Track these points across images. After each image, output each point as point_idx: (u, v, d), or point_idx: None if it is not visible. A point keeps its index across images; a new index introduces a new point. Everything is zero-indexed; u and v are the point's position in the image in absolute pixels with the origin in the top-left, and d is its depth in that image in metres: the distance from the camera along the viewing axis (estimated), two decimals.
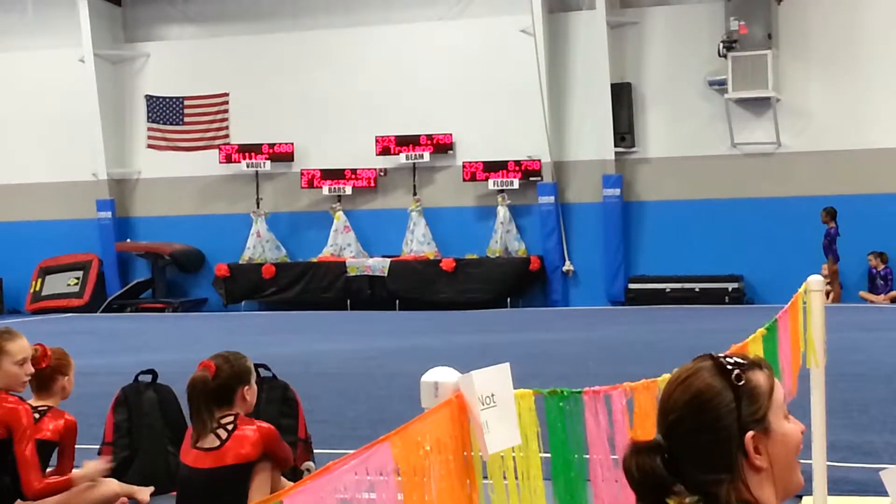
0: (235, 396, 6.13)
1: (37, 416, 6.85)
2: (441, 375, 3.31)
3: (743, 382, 2.53)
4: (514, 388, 3.50)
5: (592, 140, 24.19)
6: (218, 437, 5.99)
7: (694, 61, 23.83)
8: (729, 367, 2.55)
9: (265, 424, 6.15)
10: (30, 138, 26.89)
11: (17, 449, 6.46)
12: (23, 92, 26.88)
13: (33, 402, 6.99)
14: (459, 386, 3.26)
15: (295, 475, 6.89)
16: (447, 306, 23.62)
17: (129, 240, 26.58)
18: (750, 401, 2.53)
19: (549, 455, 3.83)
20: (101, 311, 25.60)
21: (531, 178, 24.54)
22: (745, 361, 2.59)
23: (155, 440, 7.86)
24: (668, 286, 23.68)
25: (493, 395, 3.34)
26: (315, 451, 7.79)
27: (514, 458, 3.51)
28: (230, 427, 6.01)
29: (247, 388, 6.17)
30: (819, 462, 6.38)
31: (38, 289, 26.12)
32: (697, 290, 23.46)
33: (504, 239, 24.64)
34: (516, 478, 3.56)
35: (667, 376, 3.75)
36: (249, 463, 5.94)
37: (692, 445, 2.51)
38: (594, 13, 24.10)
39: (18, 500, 6.54)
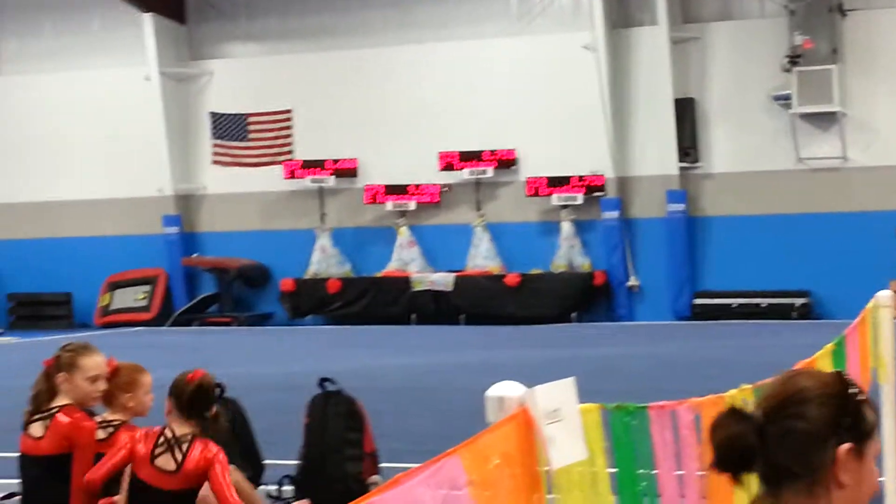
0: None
1: (111, 430, 6.84)
2: (506, 390, 3.32)
3: (859, 399, 2.53)
4: (580, 403, 3.50)
5: (656, 155, 24.11)
6: None
7: (758, 76, 23.67)
8: (852, 384, 2.55)
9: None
10: (96, 155, 27.21)
11: (74, 466, 6.44)
12: (90, 110, 27.21)
13: (107, 416, 6.96)
14: (524, 400, 3.26)
15: (362, 489, 6.92)
16: (512, 321, 23.61)
17: (195, 255, 26.78)
18: (856, 419, 2.52)
19: (615, 470, 3.82)
20: (169, 325, 25.85)
21: (595, 194, 24.48)
22: (865, 394, 2.59)
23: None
24: (734, 301, 23.51)
25: (558, 410, 3.34)
26: (381, 465, 7.81)
27: (580, 472, 3.51)
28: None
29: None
30: (891, 480, 6.31)
31: (106, 303, 26.43)
32: (764, 305, 23.27)
33: (568, 254, 24.60)
34: (583, 492, 3.55)
35: (734, 392, 3.74)
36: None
37: (788, 432, 2.49)
38: (656, 29, 24.04)
39: None
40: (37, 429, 6.69)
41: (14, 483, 7.31)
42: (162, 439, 6.14)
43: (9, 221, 27.80)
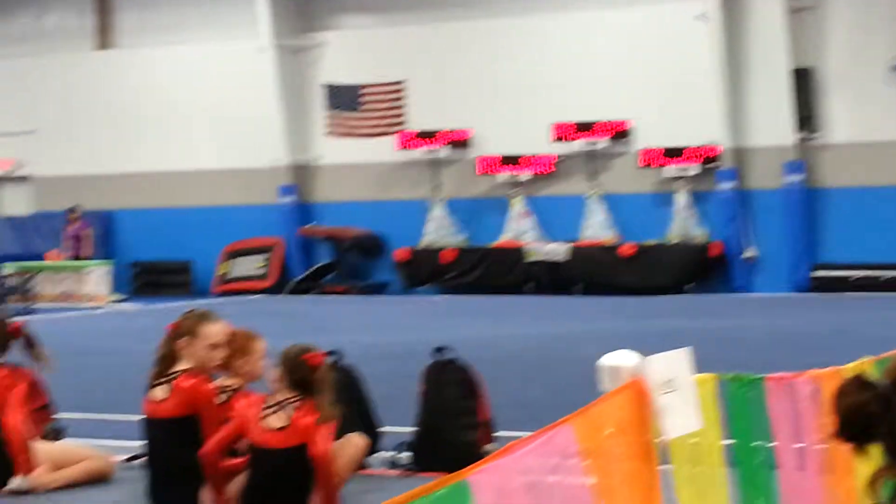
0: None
1: (227, 395, 6.97)
2: (620, 359, 3.33)
3: None
4: (695, 374, 3.49)
5: (772, 126, 23.79)
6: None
7: (877, 45, 23.20)
8: None
9: None
10: (213, 127, 27.54)
11: (203, 428, 6.61)
12: (206, 82, 27.57)
13: (222, 382, 7.09)
14: (639, 370, 3.27)
15: (477, 457, 6.96)
16: (626, 292, 23.50)
17: (311, 224, 27.03)
18: None
19: (730, 442, 3.80)
20: (286, 294, 26.12)
21: (710, 165, 24.26)
22: None
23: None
24: (853, 274, 23.16)
25: (672, 380, 3.35)
26: (496, 433, 7.85)
27: (694, 444, 3.49)
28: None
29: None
30: None
31: (225, 272, 26.84)
32: (884, 278, 22.88)
33: (683, 225, 24.47)
34: (697, 463, 3.53)
35: (855, 364, 3.70)
36: None
37: None
38: None
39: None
40: (159, 392, 6.89)
41: (138, 445, 7.51)
42: (269, 402, 6.28)
43: (132, 191, 28.31)
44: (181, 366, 6.90)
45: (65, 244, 26.22)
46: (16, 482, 7.14)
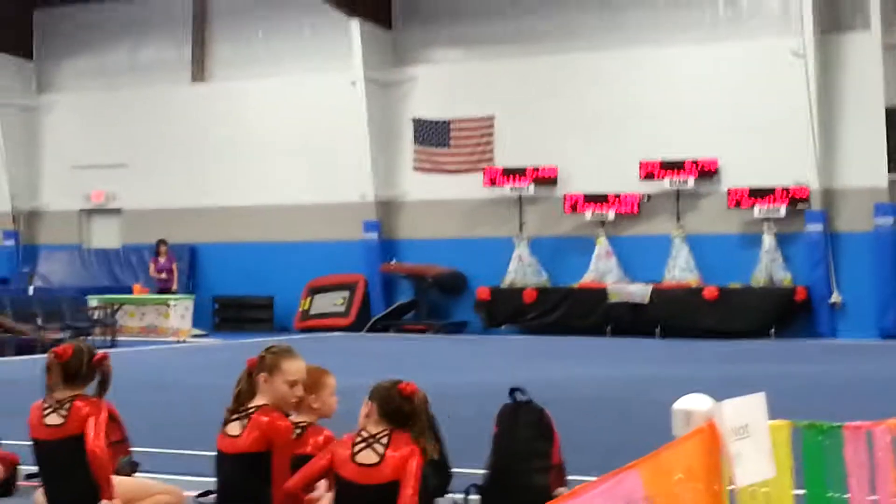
0: None
1: (299, 431, 6.92)
2: (693, 403, 3.26)
3: None
4: (771, 420, 3.40)
5: (864, 166, 23.46)
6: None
7: None
8: None
9: None
10: (300, 160, 27.74)
11: (273, 465, 6.57)
12: (295, 115, 27.81)
13: (294, 418, 7.03)
14: (712, 414, 3.20)
15: (548, 501, 6.83)
16: (709, 335, 23.29)
17: (393, 261, 26.97)
18: None
19: (803, 491, 3.70)
20: (365, 331, 26.13)
21: (798, 206, 23.99)
22: None
23: None
24: None
25: (746, 426, 3.27)
26: (568, 476, 7.73)
27: (766, 493, 3.40)
28: None
29: None
30: None
31: (306, 307, 26.85)
32: None
33: (769, 268, 24.19)
34: None
35: None
36: None
37: None
38: (868, 34, 23.44)
39: None
40: (234, 427, 6.85)
41: (211, 480, 7.50)
42: (359, 438, 6.22)
43: (216, 225, 28.51)
44: (258, 401, 6.87)
45: (153, 277, 26.40)
46: None
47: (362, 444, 6.19)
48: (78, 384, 7.19)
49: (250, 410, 6.80)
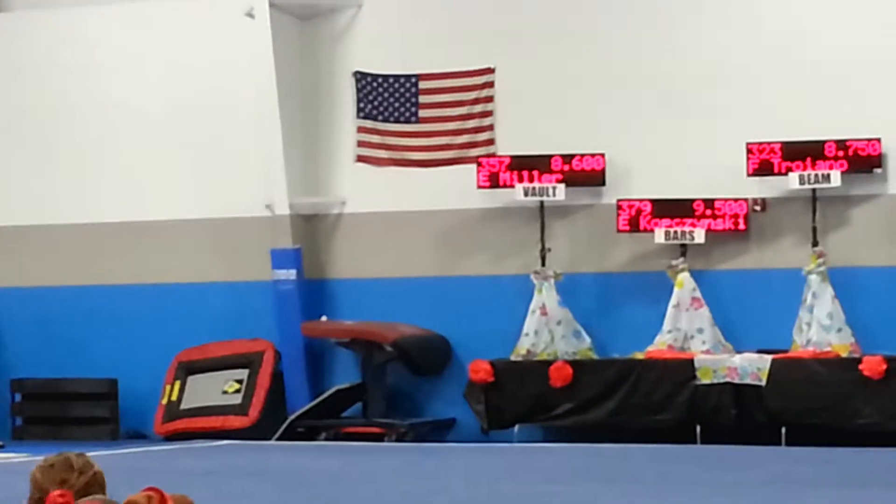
0: None
1: None
2: None
3: None
4: None
5: None
6: None
7: None
8: None
9: None
10: (163, 147, 21.37)
11: None
12: (153, 68, 21.37)
13: None
14: None
15: None
16: (869, 438, 17.96)
17: (324, 317, 20.92)
18: None
19: None
20: (277, 438, 20.39)
21: None
22: None
23: None
24: None
25: None
26: None
27: None
28: None
29: None
30: None
31: (174, 398, 20.84)
32: None
33: None
34: None
35: None
36: None
37: None
38: None
39: None
40: None
41: None
42: None
43: (14, 258, 21.61)
44: None
45: None
46: None
47: None
48: None
49: None
